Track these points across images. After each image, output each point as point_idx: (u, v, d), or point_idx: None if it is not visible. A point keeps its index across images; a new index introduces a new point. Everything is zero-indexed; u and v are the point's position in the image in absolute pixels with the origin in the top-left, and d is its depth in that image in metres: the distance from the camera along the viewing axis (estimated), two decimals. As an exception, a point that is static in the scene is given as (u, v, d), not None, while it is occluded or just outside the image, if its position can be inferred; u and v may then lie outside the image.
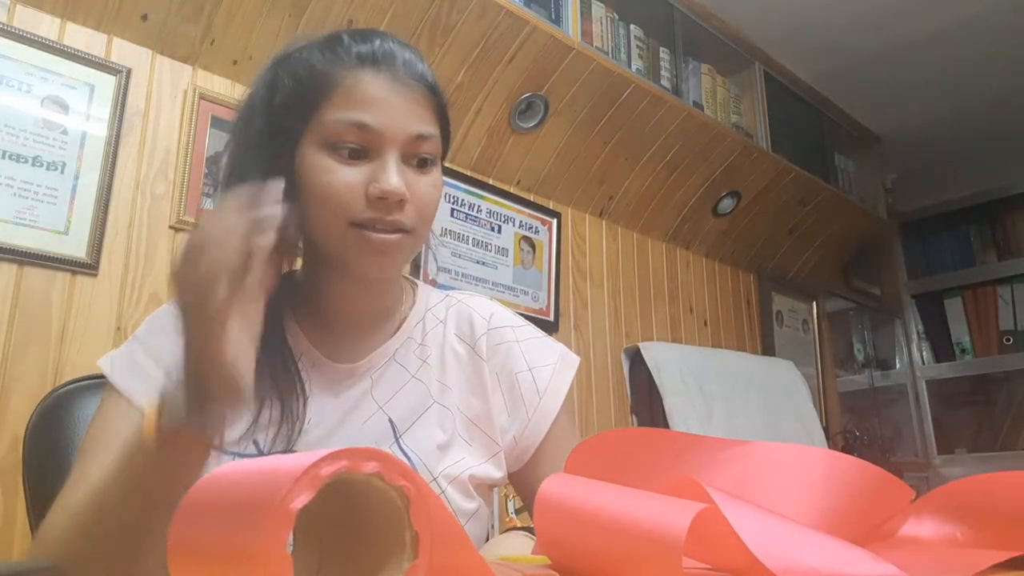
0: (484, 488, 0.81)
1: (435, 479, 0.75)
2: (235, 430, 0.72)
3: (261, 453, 0.73)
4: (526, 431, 0.81)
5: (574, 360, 0.86)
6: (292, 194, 0.71)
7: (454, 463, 0.76)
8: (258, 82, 0.78)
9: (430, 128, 0.73)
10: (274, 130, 0.74)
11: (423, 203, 0.73)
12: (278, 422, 0.73)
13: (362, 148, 0.70)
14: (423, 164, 0.73)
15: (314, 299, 0.80)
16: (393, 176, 0.69)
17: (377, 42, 0.73)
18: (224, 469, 0.31)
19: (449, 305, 0.87)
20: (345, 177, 0.70)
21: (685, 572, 0.33)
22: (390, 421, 0.77)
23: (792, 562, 0.36)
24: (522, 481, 0.84)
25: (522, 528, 0.75)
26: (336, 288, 0.79)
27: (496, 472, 0.80)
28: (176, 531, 0.29)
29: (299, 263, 0.82)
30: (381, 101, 0.71)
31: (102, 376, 0.86)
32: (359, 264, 0.73)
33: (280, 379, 0.74)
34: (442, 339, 0.84)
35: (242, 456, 0.72)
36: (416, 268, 1.78)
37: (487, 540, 0.79)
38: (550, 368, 0.84)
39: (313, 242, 0.76)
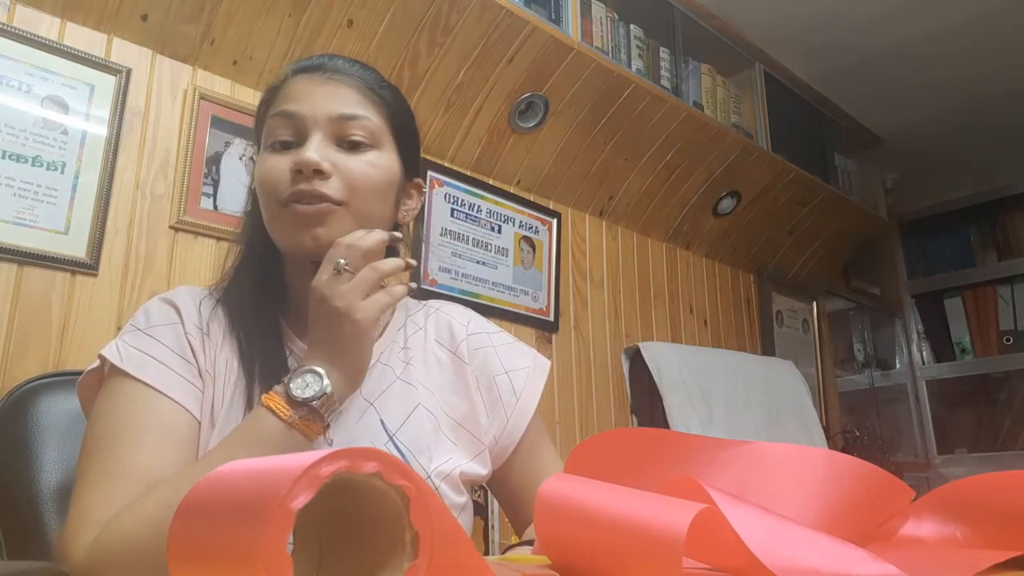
0: (470, 484, 0.84)
1: (429, 476, 0.78)
2: (231, 424, 0.73)
3: None
4: (505, 431, 0.86)
5: (545, 364, 0.92)
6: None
7: (444, 461, 0.80)
8: None
9: (357, 110, 0.78)
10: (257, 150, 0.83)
11: (353, 176, 0.76)
12: None
13: (292, 139, 0.77)
14: (355, 147, 0.78)
15: (298, 305, 0.83)
16: (308, 150, 0.74)
17: (317, 57, 0.82)
18: (224, 469, 0.31)
19: (428, 313, 0.92)
20: (275, 163, 0.76)
21: (685, 572, 0.33)
22: (381, 421, 0.80)
23: (792, 562, 0.36)
24: (499, 481, 0.89)
25: (523, 543, 0.76)
26: (308, 288, 0.81)
27: (482, 470, 0.84)
28: (176, 531, 0.29)
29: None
30: (306, 93, 0.78)
31: (57, 374, 0.88)
32: (294, 240, 0.76)
33: (271, 370, 0.76)
34: (423, 344, 0.88)
35: None
36: (416, 269, 1.77)
37: (487, 547, 0.81)
38: (525, 371, 0.89)
39: (270, 238, 0.80)
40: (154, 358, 0.74)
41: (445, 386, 0.86)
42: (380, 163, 0.78)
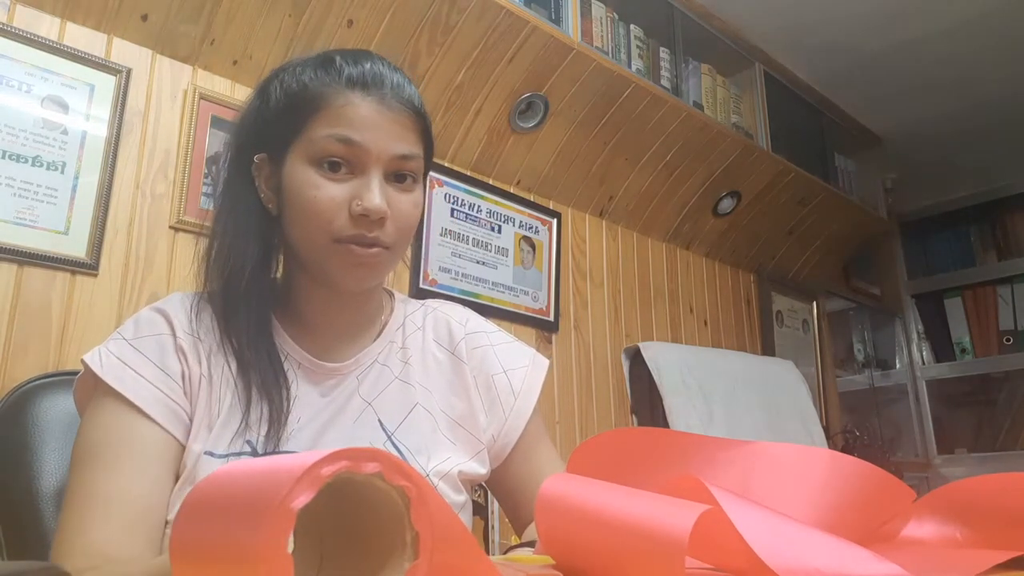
0: (469, 484, 0.84)
1: (427, 475, 0.78)
2: (227, 431, 0.73)
3: (255, 453, 0.73)
4: (503, 430, 0.86)
5: (544, 362, 0.91)
6: (280, 205, 0.77)
7: (443, 460, 0.80)
8: (253, 94, 0.83)
9: (414, 149, 0.77)
10: (263, 142, 0.79)
11: (403, 221, 0.77)
12: (267, 420, 0.75)
13: (347, 164, 0.74)
14: (404, 181, 0.77)
15: (296, 305, 0.83)
16: (376, 195, 0.73)
17: (368, 65, 0.77)
18: (226, 469, 0.31)
19: (426, 313, 0.91)
20: (330, 193, 0.73)
21: (687, 572, 0.33)
22: (379, 421, 0.80)
23: (795, 562, 0.36)
24: (498, 479, 0.88)
25: (523, 544, 0.76)
26: (316, 297, 0.82)
27: (481, 469, 0.84)
28: (178, 530, 0.29)
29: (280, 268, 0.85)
30: (368, 121, 0.74)
31: (57, 374, 0.88)
32: (340, 277, 0.77)
33: (267, 377, 0.76)
34: (421, 344, 0.88)
35: (237, 457, 0.73)
36: (416, 269, 1.77)
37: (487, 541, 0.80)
38: (523, 370, 0.89)
39: (295, 252, 0.79)
40: (134, 371, 0.73)
41: (443, 386, 0.86)
42: (420, 200, 0.79)
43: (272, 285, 0.83)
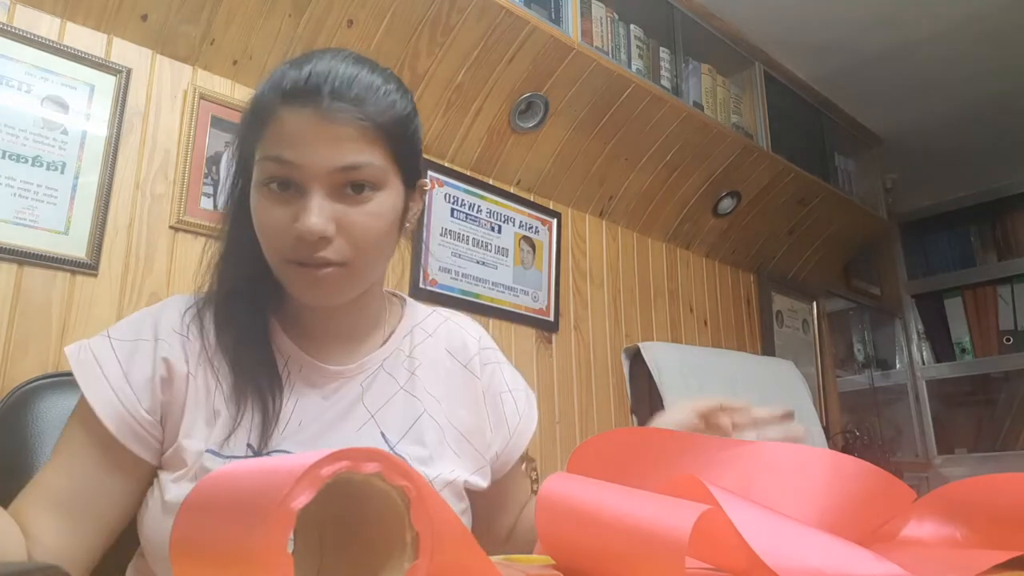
0: (471, 493, 0.84)
1: (430, 483, 0.77)
2: (226, 431, 0.73)
3: (256, 454, 0.73)
4: (507, 448, 0.87)
5: (532, 393, 0.94)
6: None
7: (447, 471, 0.80)
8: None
9: (361, 157, 0.71)
10: (238, 168, 0.79)
11: (357, 235, 0.72)
12: (261, 423, 0.74)
13: (289, 183, 0.71)
14: (358, 192, 0.72)
15: (294, 309, 0.83)
16: (311, 216, 0.69)
17: (307, 70, 0.71)
18: (226, 469, 0.31)
19: (439, 322, 0.90)
20: (274, 215, 0.72)
21: (687, 572, 0.33)
22: (382, 434, 0.79)
23: (795, 562, 0.36)
24: (482, 494, 0.88)
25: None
26: (307, 308, 0.82)
27: (482, 482, 0.84)
28: (179, 530, 0.29)
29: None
30: (300, 136, 0.69)
31: (57, 375, 0.90)
32: (300, 295, 0.76)
33: (262, 379, 0.76)
34: (432, 353, 0.87)
35: (234, 459, 0.73)
36: (416, 269, 1.77)
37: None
38: (524, 392, 0.91)
39: (256, 237, 0.79)
40: (101, 370, 0.74)
41: (453, 397, 0.85)
42: (383, 208, 0.73)
43: (273, 289, 0.81)
